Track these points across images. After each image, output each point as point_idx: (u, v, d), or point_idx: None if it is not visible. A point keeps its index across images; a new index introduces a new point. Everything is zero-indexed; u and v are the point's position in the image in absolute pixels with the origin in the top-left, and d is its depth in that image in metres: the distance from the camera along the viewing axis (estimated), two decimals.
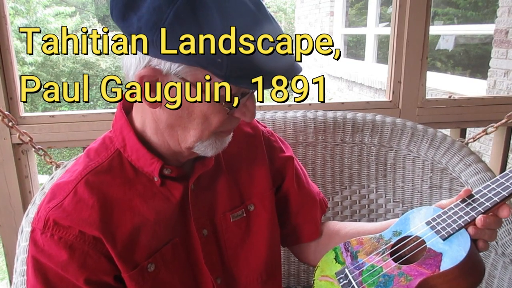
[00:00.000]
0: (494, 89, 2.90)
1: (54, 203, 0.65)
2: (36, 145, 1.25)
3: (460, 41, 4.31)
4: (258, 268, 0.79)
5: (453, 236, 0.62)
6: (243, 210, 0.79)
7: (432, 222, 0.66)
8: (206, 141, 0.66)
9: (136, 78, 0.60)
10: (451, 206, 0.66)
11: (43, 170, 6.33)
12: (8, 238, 1.38)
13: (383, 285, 0.62)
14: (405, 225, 0.70)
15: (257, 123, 0.87)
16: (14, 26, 7.16)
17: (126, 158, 0.69)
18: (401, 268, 0.63)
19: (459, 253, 0.59)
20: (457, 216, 0.64)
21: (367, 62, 4.90)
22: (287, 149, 0.89)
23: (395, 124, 1.16)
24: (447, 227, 0.63)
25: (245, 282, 0.79)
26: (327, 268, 0.71)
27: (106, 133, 0.74)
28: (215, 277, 0.75)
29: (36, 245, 0.65)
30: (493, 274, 1.00)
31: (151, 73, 0.59)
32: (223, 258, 0.77)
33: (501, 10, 2.83)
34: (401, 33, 1.40)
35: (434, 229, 0.64)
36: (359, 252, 0.70)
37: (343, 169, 1.19)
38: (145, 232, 0.68)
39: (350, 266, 0.68)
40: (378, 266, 0.65)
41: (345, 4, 5.69)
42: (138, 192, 0.69)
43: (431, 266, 0.60)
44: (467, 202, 0.65)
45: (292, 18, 10.10)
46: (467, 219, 0.63)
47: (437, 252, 0.61)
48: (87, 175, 0.68)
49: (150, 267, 0.68)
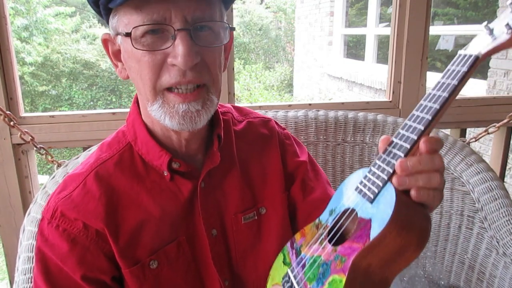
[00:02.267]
0: (494, 89, 2.90)
1: (64, 193, 0.67)
2: (37, 145, 1.25)
3: (460, 41, 4.31)
4: (267, 273, 0.75)
5: (379, 195, 0.53)
6: (254, 213, 0.77)
7: (359, 186, 0.57)
8: (155, 104, 0.63)
9: (104, 48, 0.67)
10: (374, 161, 0.57)
11: (43, 170, 6.32)
12: (8, 238, 1.38)
13: (322, 276, 0.55)
14: (338, 199, 0.62)
15: (274, 124, 0.85)
16: (14, 26, 7.16)
17: (137, 151, 0.70)
18: (337, 250, 0.55)
19: (385, 212, 0.50)
20: (380, 170, 0.54)
21: (367, 62, 4.90)
22: (303, 153, 0.86)
23: (397, 124, 1.16)
24: (372, 186, 0.54)
25: (253, 286, 0.76)
26: (276, 275, 0.66)
27: (121, 127, 0.75)
28: (223, 279, 0.73)
29: (42, 234, 0.67)
30: (494, 274, 1.00)
31: (106, 36, 0.66)
32: (231, 260, 0.75)
33: (501, 10, 2.83)
34: (401, 33, 1.40)
35: (361, 193, 0.56)
36: (302, 246, 0.64)
37: (345, 169, 1.19)
38: (149, 228, 0.68)
39: (294, 265, 0.62)
40: (317, 255, 0.58)
41: (345, 4, 5.69)
42: (146, 187, 0.69)
43: (361, 238, 0.51)
44: (387, 150, 0.55)
45: (292, 18, 10.10)
46: (389, 170, 0.53)
47: (366, 219, 0.53)
48: (97, 167, 0.69)
49: (153, 264, 0.68)
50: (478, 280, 1.05)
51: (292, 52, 9.62)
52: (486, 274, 1.03)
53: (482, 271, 1.04)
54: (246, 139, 0.79)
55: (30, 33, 7.60)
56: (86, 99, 8.08)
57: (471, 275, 1.07)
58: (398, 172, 0.52)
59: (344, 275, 0.51)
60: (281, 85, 9.11)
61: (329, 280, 0.53)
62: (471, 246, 1.06)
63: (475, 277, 1.06)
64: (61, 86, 8.07)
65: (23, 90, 7.41)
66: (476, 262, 1.06)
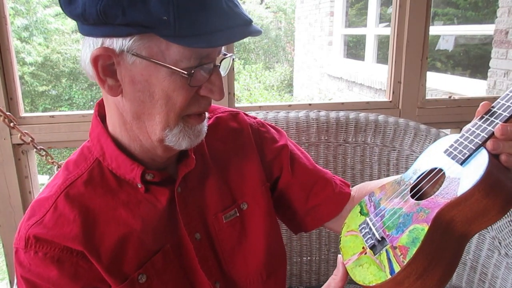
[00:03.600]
0: (494, 89, 2.90)
1: (34, 220, 0.63)
2: (38, 146, 1.24)
3: (460, 42, 4.31)
4: (258, 268, 0.77)
5: (471, 157, 0.55)
6: (235, 210, 0.76)
7: (449, 149, 0.60)
8: (175, 129, 0.62)
9: (91, 63, 0.57)
10: (468, 127, 0.60)
11: (43, 170, 6.32)
12: (8, 238, 1.38)
13: (402, 225, 0.57)
14: (424, 161, 0.65)
15: (244, 116, 0.83)
16: (14, 26, 7.15)
17: (106, 167, 0.66)
18: (420, 204, 0.58)
19: (476, 172, 0.52)
20: (474, 135, 0.57)
21: (367, 62, 4.90)
22: (281, 137, 0.85)
23: (398, 124, 1.16)
24: (464, 149, 0.57)
25: (245, 283, 0.76)
26: (352, 223, 0.68)
27: (84, 143, 0.71)
28: (213, 281, 0.72)
29: (22, 265, 0.62)
30: (496, 275, 1.00)
31: (103, 52, 0.57)
32: (219, 261, 0.74)
33: (501, 10, 2.83)
34: (401, 33, 1.40)
35: (451, 156, 0.59)
36: (382, 199, 0.66)
37: (346, 169, 1.19)
38: (132, 242, 0.65)
39: (372, 215, 0.65)
40: (398, 207, 0.61)
41: (345, 4, 5.69)
42: (122, 201, 0.66)
43: (448, 194, 0.54)
44: (484, 118, 0.58)
45: (292, 18, 10.11)
46: (484, 136, 0.56)
47: (455, 178, 0.55)
48: (66, 188, 0.65)
49: (141, 278, 0.65)
50: (480, 281, 1.05)
51: (292, 52, 9.62)
52: (488, 275, 1.02)
53: (484, 272, 1.04)
54: (216, 135, 0.77)
55: (30, 33, 7.60)
56: (86, 99, 8.08)
57: (473, 276, 1.07)
58: (498, 136, 0.54)
59: (426, 225, 0.53)
60: (281, 85, 9.11)
61: (410, 228, 0.55)
62: (472, 247, 1.06)
63: (477, 278, 1.06)
64: (61, 86, 8.07)
65: (23, 90, 7.41)
66: (478, 263, 1.06)
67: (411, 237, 0.54)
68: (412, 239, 0.54)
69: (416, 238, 0.53)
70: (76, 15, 0.56)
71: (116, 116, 0.65)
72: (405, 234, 0.55)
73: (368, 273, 0.57)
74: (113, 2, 0.52)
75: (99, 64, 0.58)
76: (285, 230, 1.16)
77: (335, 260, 1.26)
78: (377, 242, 0.58)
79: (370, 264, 0.58)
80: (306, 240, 1.24)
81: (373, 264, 0.57)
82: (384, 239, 0.58)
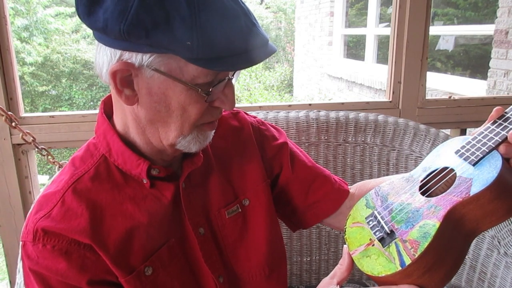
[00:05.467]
0: (494, 89, 2.90)
1: (41, 213, 0.64)
2: (39, 145, 1.24)
3: (460, 42, 4.31)
4: (260, 262, 0.79)
5: (484, 159, 0.58)
6: (238, 206, 0.78)
7: (461, 150, 0.62)
8: (189, 136, 0.65)
9: (109, 75, 0.59)
10: (480, 130, 0.61)
11: (43, 170, 6.32)
12: (8, 238, 1.38)
13: (412, 220, 0.59)
14: (434, 159, 0.67)
15: (244, 115, 0.86)
16: (14, 26, 7.16)
17: (113, 162, 0.68)
18: (430, 201, 0.60)
19: (490, 174, 0.55)
20: (487, 139, 0.59)
21: (367, 62, 4.90)
22: (281, 135, 0.88)
23: (398, 124, 1.16)
24: (477, 151, 0.59)
25: (248, 277, 0.78)
26: (358, 215, 0.69)
27: (89, 140, 0.72)
28: (217, 275, 0.74)
29: (30, 258, 0.63)
30: (495, 274, 1.00)
31: (123, 66, 0.58)
32: (222, 255, 0.76)
33: (501, 10, 2.83)
34: (401, 34, 1.40)
35: (463, 157, 0.61)
36: (389, 194, 0.68)
37: (346, 169, 1.19)
38: (138, 235, 0.67)
39: (379, 208, 0.66)
40: (407, 203, 0.63)
41: (345, 5, 5.69)
42: (128, 196, 0.67)
43: (460, 193, 0.56)
44: (497, 123, 0.60)
45: (292, 19, 10.11)
46: (497, 140, 0.58)
47: (467, 178, 0.57)
48: (73, 183, 0.66)
49: (148, 271, 0.67)
50: (479, 280, 1.05)
51: (292, 52, 9.62)
52: (488, 274, 1.03)
53: (484, 271, 1.04)
54: (218, 133, 0.78)
55: (30, 33, 7.60)
56: (86, 99, 8.08)
57: (473, 275, 1.07)
58: (511, 141, 0.57)
59: (437, 221, 0.55)
60: (281, 85, 9.11)
61: (420, 224, 0.57)
62: (472, 246, 1.06)
63: (476, 277, 1.06)
64: (61, 86, 8.08)
65: (23, 90, 7.41)
66: (477, 262, 1.06)
67: (421, 232, 0.56)
68: (423, 234, 0.55)
69: (427, 233, 0.55)
70: (96, 28, 0.57)
71: (130, 120, 0.66)
72: (415, 229, 0.57)
73: (377, 264, 0.58)
74: (137, 22, 0.53)
75: (118, 77, 0.59)
76: (285, 230, 1.16)
77: (335, 260, 1.26)
78: (386, 235, 0.60)
79: (379, 256, 0.59)
80: (306, 240, 1.24)
81: (382, 255, 0.58)
82: (394, 232, 0.59)
